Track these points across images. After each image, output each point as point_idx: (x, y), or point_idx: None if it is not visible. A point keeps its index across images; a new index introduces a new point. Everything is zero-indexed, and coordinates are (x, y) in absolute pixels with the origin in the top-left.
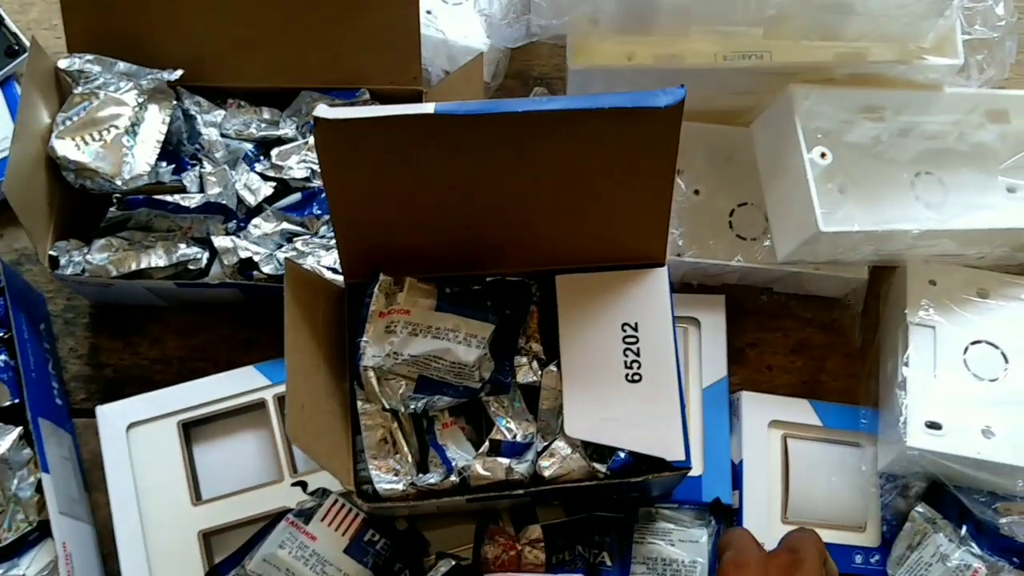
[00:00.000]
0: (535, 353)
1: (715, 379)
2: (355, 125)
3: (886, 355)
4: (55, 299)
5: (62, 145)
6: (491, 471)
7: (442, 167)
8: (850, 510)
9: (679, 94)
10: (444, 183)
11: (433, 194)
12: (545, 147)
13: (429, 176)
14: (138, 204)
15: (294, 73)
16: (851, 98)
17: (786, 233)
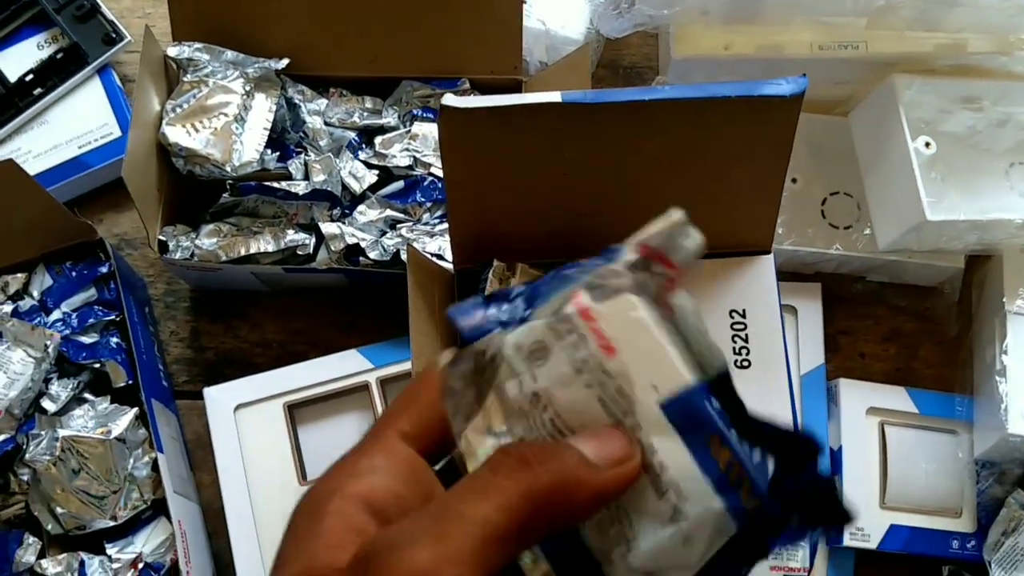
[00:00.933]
0: None
1: (812, 366)
2: (481, 114)
3: (983, 343)
4: (155, 283)
5: (173, 132)
6: None
7: (559, 155)
8: (946, 496)
9: (802, 83)
10: (559, 171)
11: (547, 182)
12: (662, 135)
13: (545, 164)
14: (250, 190)
15: (395, 62)
16: (951, 88)
17: (889, 222)
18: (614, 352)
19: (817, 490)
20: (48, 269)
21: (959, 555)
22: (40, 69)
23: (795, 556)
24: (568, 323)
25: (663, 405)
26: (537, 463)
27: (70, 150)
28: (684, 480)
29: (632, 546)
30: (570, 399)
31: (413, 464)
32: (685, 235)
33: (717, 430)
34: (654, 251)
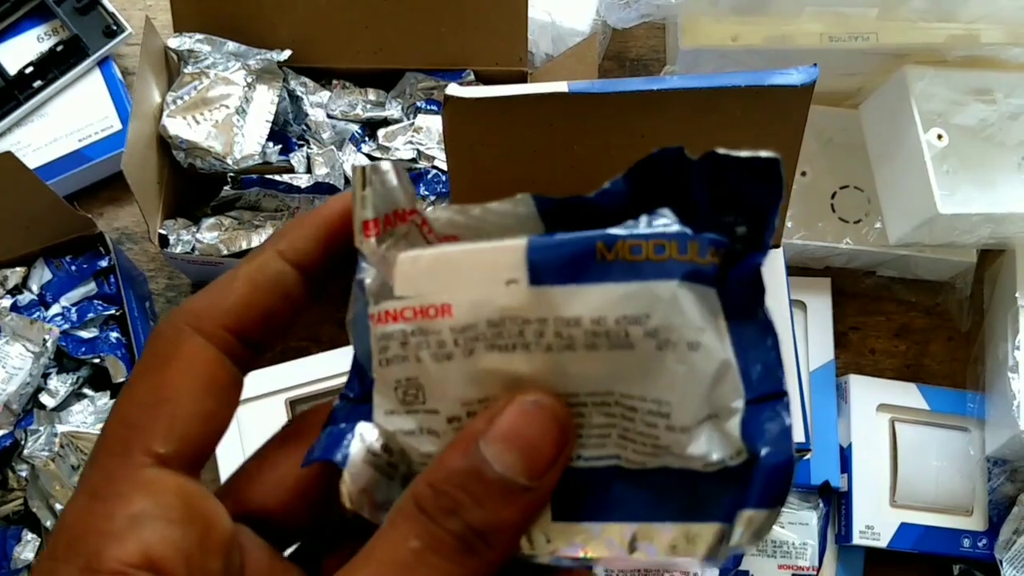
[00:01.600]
0: None
1: (822, 362)
2: (486, 104)
3: (995, 339)
4: (156, 278)
5: (174, 124)
6: None
7: (566, 147)
8: (957, 494)
9: (813, 73)
10: (566, 163)
11: (553, 174)
12: (670, 126)
13: (551, 156)
14: (252, 183)
15: (399, 54)
16: (963, 80)
17: (900, 215)
18: (449, 306)
19: (708, 164)
20: (47, 263)
21: (970, 554)
22: (40, 62)
23: (804, 555)
24: (390, 339)
25: (532, 280)
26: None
27: (70, 143)
28: (623, 305)
29: (667, 415)
30: (467, 381)
31: (186, 497)
32: (382, 181)
33: (588, 239)
34: (377, 220)
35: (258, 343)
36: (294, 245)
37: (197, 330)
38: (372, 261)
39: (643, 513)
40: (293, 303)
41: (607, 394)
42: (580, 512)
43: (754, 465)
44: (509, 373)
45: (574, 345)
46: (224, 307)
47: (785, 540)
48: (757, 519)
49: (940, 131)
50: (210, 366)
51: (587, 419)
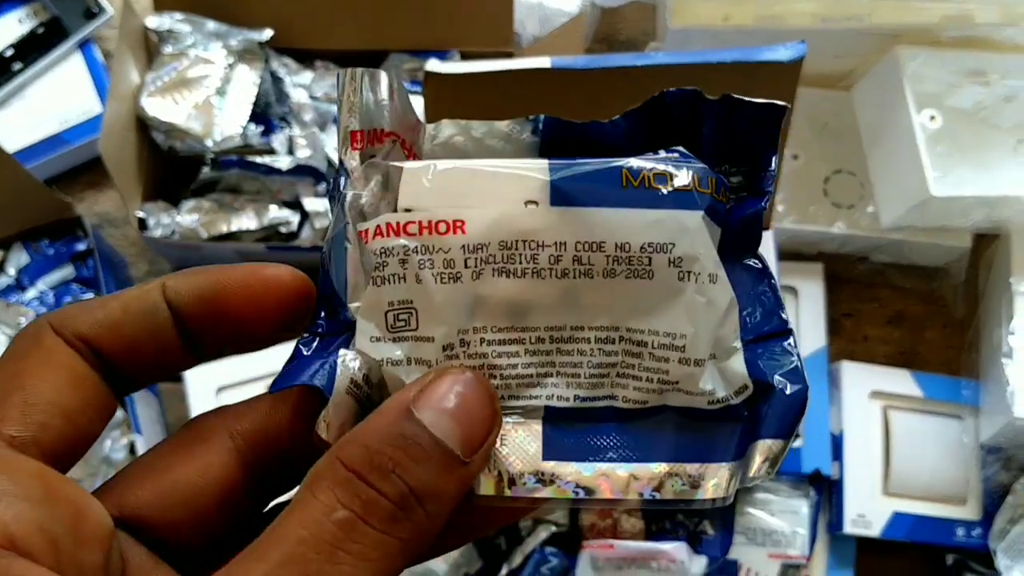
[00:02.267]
0: None
1: (814, 349)
2: (467, 80)
3: (990, 325)
4: (137, 263)
5: (152, 105)
6: None
7: None
8: (951, 483)
9: (800, 49)
10: None
11: None
12: None
13: None
14: (231, 165)
15: (383, 35)
16: (957, 61)
17: (893, 198)
18: (463, 222)
19: (719, 107)
20: (25, 246)
21: (964, 543)
22: (20, 44)
23: (794, 543)
24: (390, 255)
25: (554, 201)
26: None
27: (50, 127)
28: (649, 232)
29: (681, 348)
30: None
31: (47, 481)
32: (374, 90)
33: (612, 166)
34: (363, 132)
35: (119, 368)
36: (178, 287)
37: (57, 331)
38: (356, 176)
39: (640, 454)
40: (160, 343)
41: (612, 329)
42: (573, 452)
43: (767, 397)
44: (517, 300)
45: (592, 272)
46: (89, 319)
47: (775, 528)
48: (775, 449)
49: (933, 112)
50: (70, 362)
51: (587, 357)
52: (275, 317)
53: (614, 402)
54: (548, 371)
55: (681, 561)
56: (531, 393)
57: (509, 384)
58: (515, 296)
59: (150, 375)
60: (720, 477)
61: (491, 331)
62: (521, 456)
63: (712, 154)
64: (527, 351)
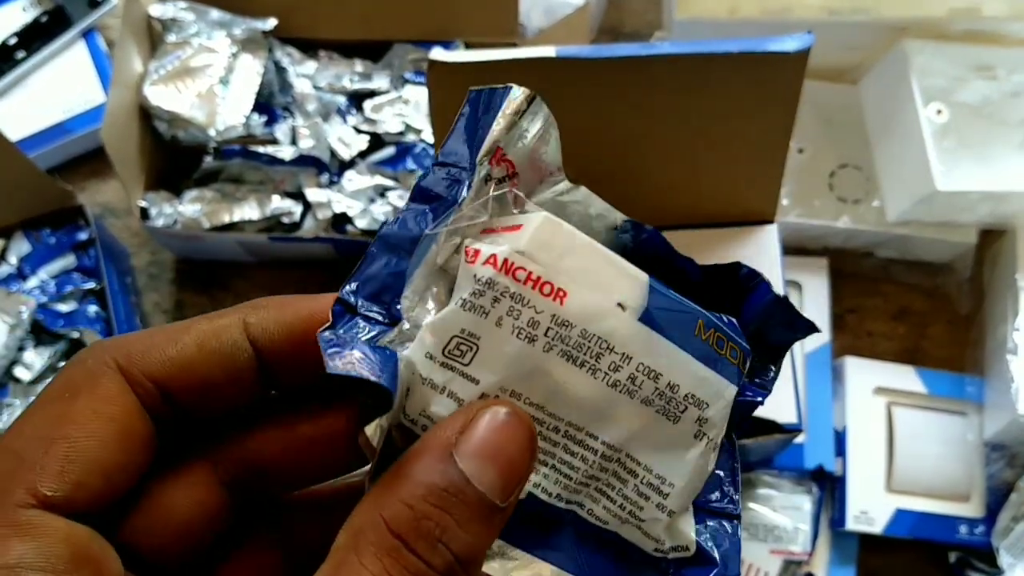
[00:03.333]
0: None
1: (818, 344)
2: (472, 69)
3: (995, 321)
4: (139, 254)
5: (155, 93)
6: None
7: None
8: (955, 480)
9: (808, 40)
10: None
11: None
12: (663, 95)
13: None
14: (233, 155)
15: (387, 25)
16: (964, 55)
17: (898, 192)
18: (566, 294)
19: (772, 306)
20: (26, 235)
21: (967, 541)
22: (24, 32)
23: (796, 540)
24: (492, 288)
25: (642, 317)
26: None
27: (53, 115)
28: (698, 386)
29: (665, 495)
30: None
31: (74, 544)
32: (531, 121)
33: (695, 312)
34: (500, 151)
35: (185, 410)
36: (264, 324)
37: (123, 370)
38: (478, 184)
39: (577, 567)
40: (238, 384)
41: (618, 449)
42: (519, 538)
43: (703, 564)
44: (562, 386)
45: (635, 394)
46: (161, 357)
47: (777, 524)
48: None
49: (940, 106)
50: (128, 414)
51: (586, 464)
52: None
53: (579, 510)
54: (547, 460)
55: None
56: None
57: None
58: (563, 382)
59: (216, 413)
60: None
61: (523, 403)
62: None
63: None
64: (541, 436)
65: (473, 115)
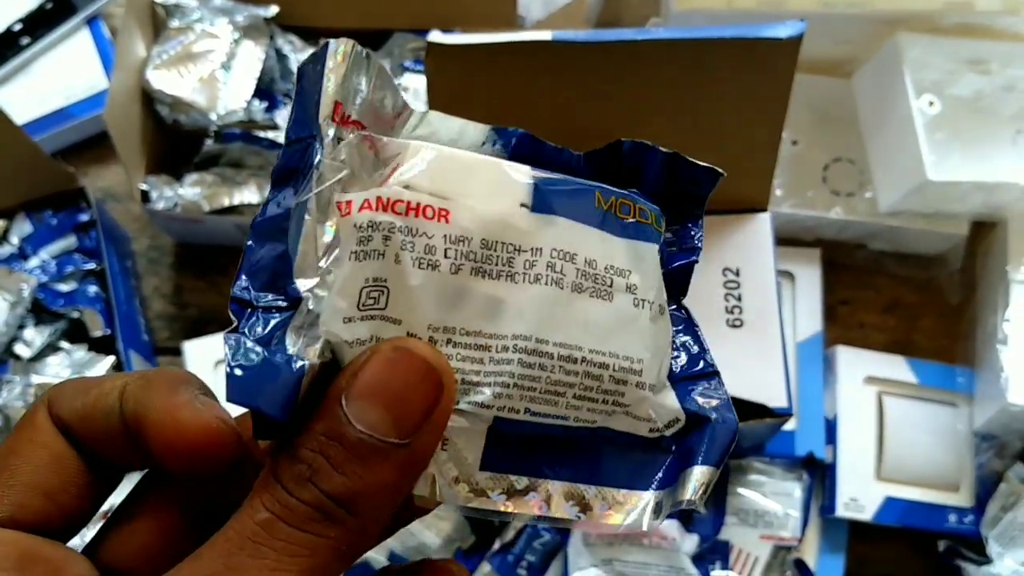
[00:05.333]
0: None
1: (809, 333)
2: (470, 52)
3: (985, 313)
4: (139, 238)
5: (158, 78)
6: None
7: (551, 98)
8: (944, 469)
9: (799, 27)
10: (550, 114)
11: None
12: (657, 79)
13: (536, 106)
14: (234, 139)
15: (387, 14)
16: (957, 49)
17: (891, 182)
18: (448, 212)
19: (669, 166)
20: (28, 216)
21: (956, 530)
22: (28, 19)
23: (786, 525)
24: (376, 229)
25: (535, 207)
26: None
27: (56, 101)
28: (613, 255)
29: (639, 372)
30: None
31: (23, 548)
32: (366, 72)
33: (589, 186)
34: (340, 105)
35: (95, 455)
36: (129, 399)
37: (49, 408)
38: (330, 146)
39: (572, 474)
40: (115, 443)
41: (576, 348)
42: (509, 464)
43: (699, 429)
44: (490, 302)
45: (562, 282)
46: (68, 406)
47: (768, 510)
48: (708, 475)
49: (932, 98)
50: (57, 443)
51: (547, 372)
52: (188, 464)
53: (565, 422)
54: (507, 381)
55: (673, 539)
56: (484, 401)
57: (468, 390)
58: (488, 298)
59: (125, 465)
60: (644, 504)
61: (459, 333)
62: (459, 463)
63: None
64: (491, 359)
65: (306, 86)
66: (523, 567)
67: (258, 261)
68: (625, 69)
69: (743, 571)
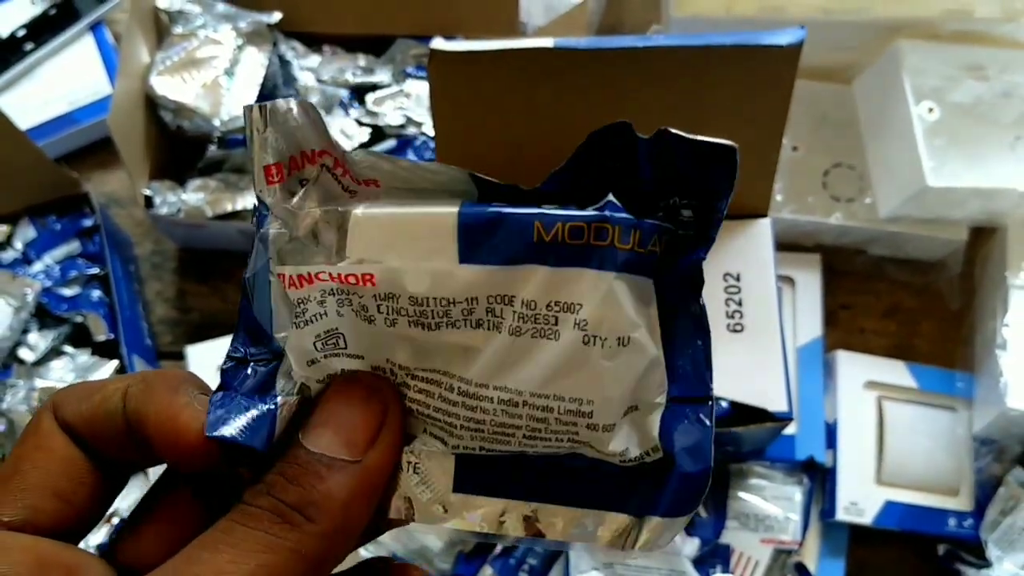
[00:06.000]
0: None
1: (810, 338)
2: (471, 58)
3: (985, 318)
4: (142, 243)
5: (161, 84)
6: None
7: (553, 105)
8: (944, 474)
9: (799, 34)
10: (553, 122)
11: (540, 132)
12: (658, 85)
13: (538, 114)
14: (237, 144)
15: (390, 20)
16: (956, 55)
17: (890, 188)
18: (372, 275)
19: (666, 148)
20: (32, 221)
21: (956, 534)
22: (32, 25)
23: (787, 529)
24: (308, 302)
25: (462, 258)
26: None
27: (60, 106)
28: (556, 290)
29: (588, 414)
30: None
31: (38, 553)
32: (283, 119)
33: (527, 218)
34: (280, 164)
35: (102, 456)
36: (132, 398)
37: (55, 412)
38: (277, 212)
39: (546, 494)
40: (120, 444)
41: (516, 393)
42: (482, 487)
43: (669, 468)
44: (431, 346)
45: (501, 327)
46: (73, 410)
47: (768, 514)
48: (664, 526)
49: (931, 104)
50: (64, 446)
51: (489, 416)
52: (190, 463)
53: (527, 451)
54: (454, 422)
55: (674, 542)
56: (443, 437)
57: (427, 422)
58: (429, 343)
59: (131, 465)
60: (618, 526)
61: (415, 369)
62: (432, 486)
63: (655, 190)
64: (440, 396)
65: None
66: (524, 570)
67: (246, 320)
68: (626, 76)
69: (744, 575)
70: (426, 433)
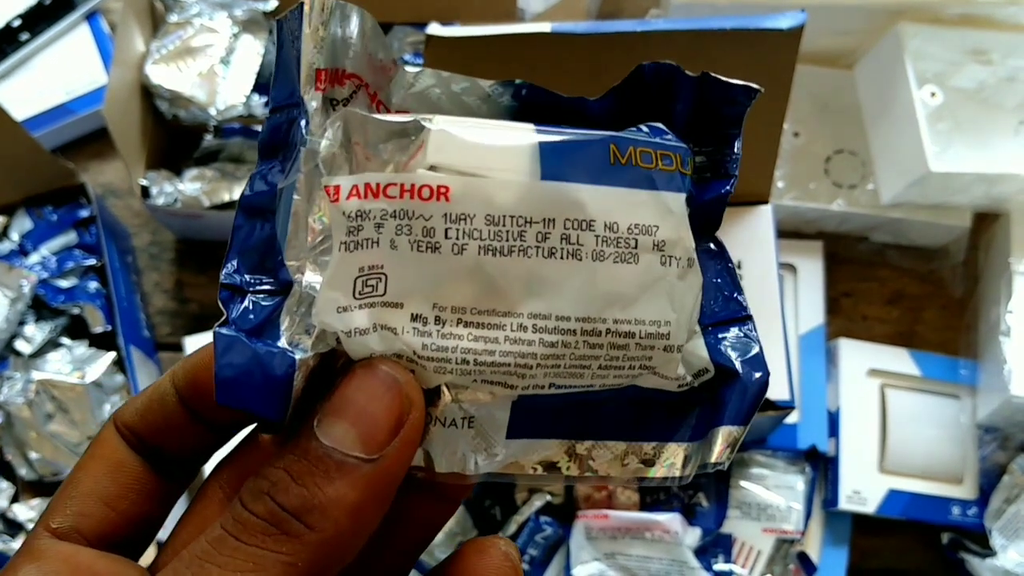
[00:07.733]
0: None
1: (812, 326)
2: (467, 44)
3: (988, 305)
4: (140, 234)
5: (157, 72)
6: None
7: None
8: (948, 462)
9: (800, 17)
10: None
11: None
12: None
13: None
14: (234, 134)
15: (386, 7)
16: (959, 39)
17: (893, 174)
18: (448, 188)
19: (698, 86)
20: (28, 212)
21: (960, 522)
22: (27, 14)
23: (789, 519)
24: (366, 218)
25: (544, 175)
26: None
27: (56, 96)
28: (636, 213)
29: (666, 335)
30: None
31: (75, 563)
32: (344, 24)
33: (602, 139)
34: (327, 72)
35: (158, 451)
36: (178, 371)
37: (115, 421)
38: (316, 122)
39: (600, 432)
40: (174, 427)
41: (600, 321)
42: (536, 430)
43: (729, 383)
44: (500, 281)
45: (580, 253)
46: (132, 408)
47: (771, 503)
48: (736, 434)
49: (934, 89)
50: (116, 452)
51: (570, 349)
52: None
53: (591, 389)
54: (527, 362)
55: (675, 532)
56: (506, 381)
57: (483, 371)
58: (499, 276)
59: (185, 457)
60: (675, 457)
61: (470, 313)
62: (485, 437)
63: (682, 131)
64: (507, 339)
65: (285, 48)
66: (525, 561)
67: (247, 241)
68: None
69: (746, 564)
70: (477, 383)
